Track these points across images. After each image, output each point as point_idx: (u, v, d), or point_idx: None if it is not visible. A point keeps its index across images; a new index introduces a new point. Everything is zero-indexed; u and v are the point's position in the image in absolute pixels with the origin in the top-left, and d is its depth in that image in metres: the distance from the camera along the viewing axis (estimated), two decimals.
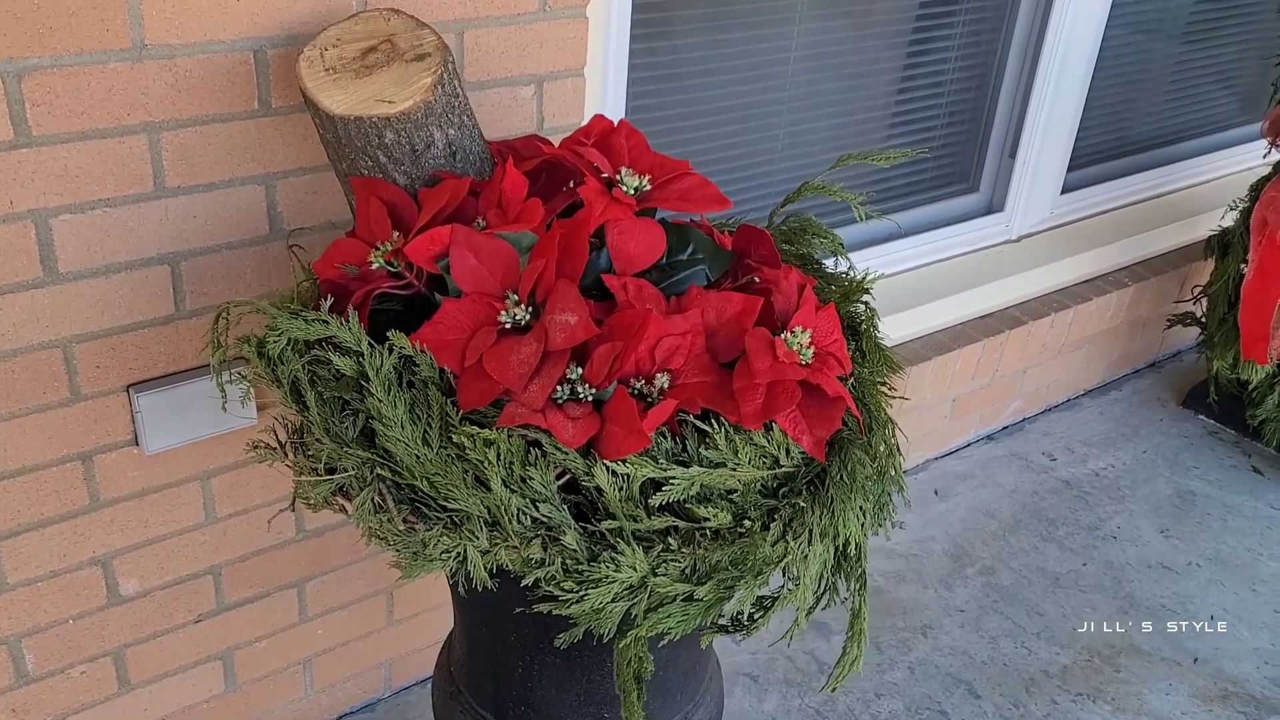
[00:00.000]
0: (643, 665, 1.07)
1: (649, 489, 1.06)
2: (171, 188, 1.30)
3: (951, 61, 2.36)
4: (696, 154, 2.04)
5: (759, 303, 1.12)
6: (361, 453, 1.06)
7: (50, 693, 1.50)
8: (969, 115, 2.45)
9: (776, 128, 2.14)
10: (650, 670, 1.07)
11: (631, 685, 1.07)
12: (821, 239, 1.39)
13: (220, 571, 1.57)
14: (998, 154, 2.51)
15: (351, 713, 1.86)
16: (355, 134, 1.17)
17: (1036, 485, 2.57)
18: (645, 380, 1.09)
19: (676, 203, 1.18)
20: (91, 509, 1.41)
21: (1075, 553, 2.37)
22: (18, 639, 1.43)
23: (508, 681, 1.30)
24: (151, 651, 1.56)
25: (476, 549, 1.03)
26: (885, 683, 2.02)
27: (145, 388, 1.37)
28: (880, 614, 2.16)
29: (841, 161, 1.40)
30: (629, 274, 1.16)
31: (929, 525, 2.41)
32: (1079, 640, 2.14)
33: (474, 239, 1.12)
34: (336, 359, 1.08)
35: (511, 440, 1.04)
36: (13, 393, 1.29)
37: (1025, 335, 2.50)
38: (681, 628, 1.05)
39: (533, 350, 1.07)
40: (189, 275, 1.35)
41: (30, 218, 1.22)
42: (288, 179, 1.37)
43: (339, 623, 1.74)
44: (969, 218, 2.52)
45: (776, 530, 1.07)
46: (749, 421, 1.06)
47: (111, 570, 1.47)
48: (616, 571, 1.02)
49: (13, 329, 1.26)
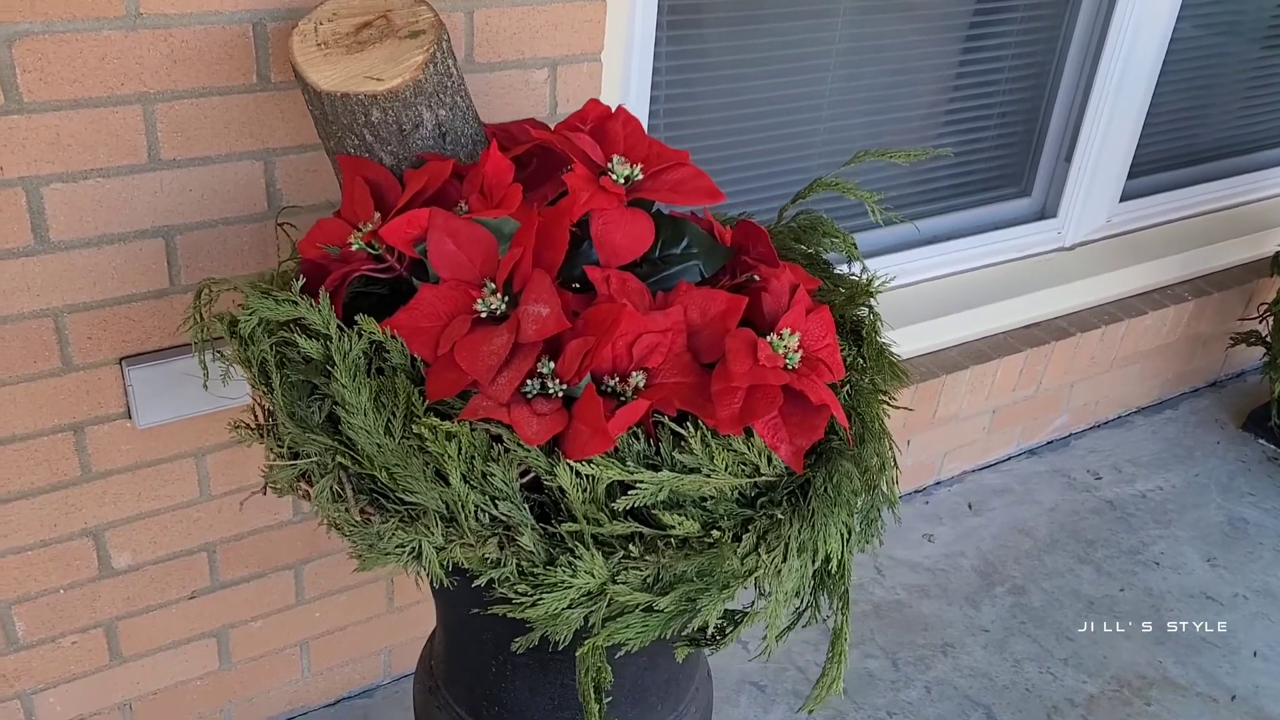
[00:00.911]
0: (601, 675, 1.03)
1: (616, 492, 1.02)
2: (166, 160, 1.28)
3: (1007, 59, 2.27)
4: (726, 150, 1.98)
5: (743, 302, 1.07)
6: (323, 439, 1.03)
7: (41, 661, 1.50)
8: (1024, 115, 2.35)
9: (815, 122, 2.07)
10: (609, 681, 1.03)
11: (590, 694, 1.03)
12: (833, 238, 1.33)
13: (215, 549, 1.56)
14: (1053, 157, 2.41)
15: (350, 697, 1.84)
16: (342, 111, 1.14)
17: (1078, 504, 2.46)
18: (620, 378, 1.04)
19: (667, 194, 1.13)
20: (83, 480, 1.41)
21: (1113, 577, 2.27)
22: (8, 606, 1.44)
23: (482, 681, 1.27)
24: (144, 625, 1.56)
25: (432, 545, 0.99)
26: (899, 701, 1.95)
27: (138, 361, 1.36)
28: (900, 629, 2.09)
29: (857, 158, 1.33)
30: (614, 266, 1.11)
31: (960, 540, 2.33)
32: (1109, 669, 2.05)
33: (453, 224, 1.08)
34: (303, 341, 1.05)
35: (475, 434, 1.01)
36: (3, 360, 1.29)
37: (1072, 347, 2.40)
38: (640, 639, 1.00)
39: (504, 342, 1.03)
40: (184, 249, 1.34)
41: (21, 185, 1.21)
42: (287, 156, 1.35)
43: (337, 606, 1.73)
44: (1019, 222, 2.43)
45: (749, 542, 1.02)
46: (725, 426, 1.01)
47: (104, 542, 1.47)
48: (573, 576, 0.97)
49: (2, 296, 1.26)
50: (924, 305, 2.24)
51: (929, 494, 2.44)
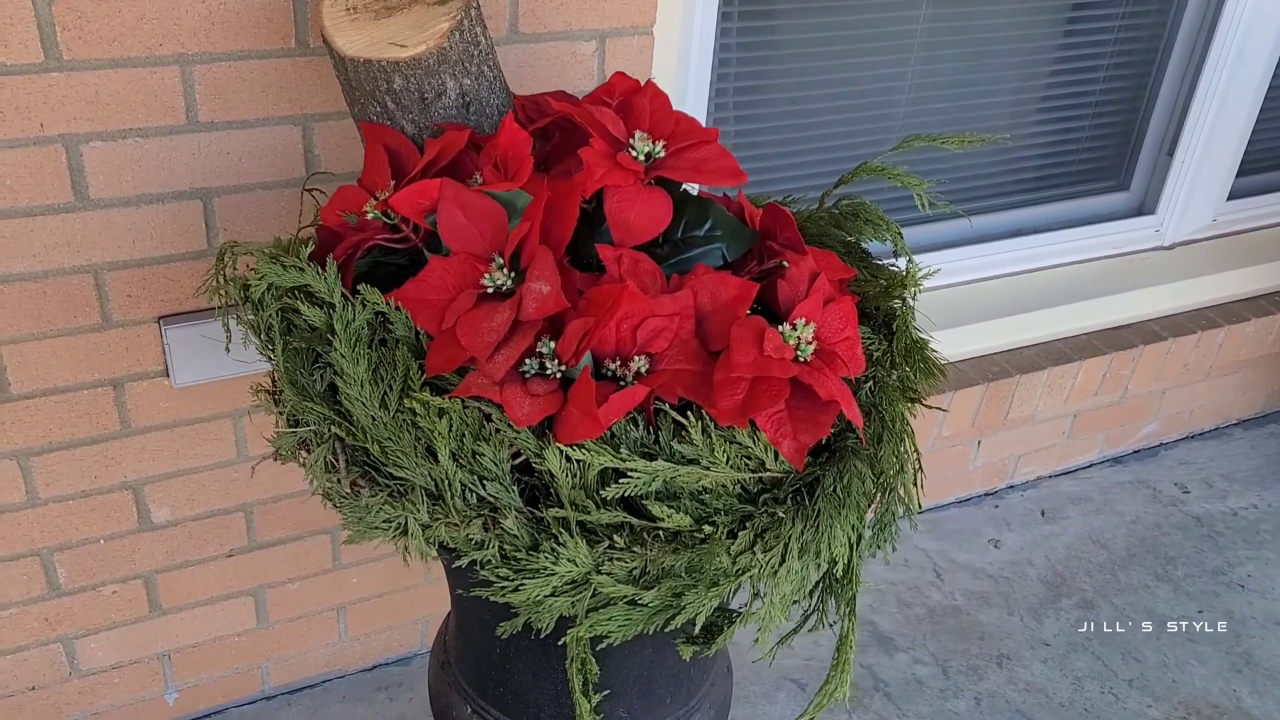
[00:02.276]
0: (587, 667, 1.00)
1: (611, 479, 0.98)
2: (204, 122, 1.29)
3: (1110, 43, 2.14)
4: (798, 134, 1.91)
5: (754, 289, 1.02)
6: (318, 407, 1.02)
7: (82, 608, 1.55)
8: (1125, 105, 2.22)
9: (895, 105, 1.99)
10: (595, 674, 1.00)
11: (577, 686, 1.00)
12: (875, 226, 1.26)
13: (252, 510, 1.58)
14: (1154, 150, 2.27)
15: (386, 664, 1.86)
16: (365, 77, 1.13)
17: (1161, 518, 2.33)
18: (621, 362, 1.01)
19: (688, 173, 1.09)
20: (122, 434, 1.44)
21: (1192, 597, 2.14)
22: (50, 552, 1.48)
23: (487, 660, 1.25)
24: (183, 579, 1.59)
25: (417, 522, 0.98)
26: (946, 710, 1.87)
27: (175, 321, 1.38)
28: (954, 636, 2.01)
29: (906, 143, 1.27)
30: (629, 245, 1.07)
31: (1029, 548, 2.23)
32: (1177, 694, 1.93)
33: (463, 195, 1.06)
34: (306, 309, 1.04)
35: (467, 412, 0.98)
36: (44, 314, 1.32)
37: (1163, 352, 2.26)
38: (623, 633, 0.97)
39: (504, 319, 1.00)
40: (222, 212, 1.35)
41: (61, 142, 1.23)
42: (325, 122, 1.35)
43: (374, 574, 1.74)
44: (1115, 218, 2.30)
45: (745, 540, 0.97)
46: (725, 418, 0.97)
47: (143, 496, 1.50)
48: (555, 564, 0.94)
49: (44, 251, 1.28)
50: (1001, 301, 2.14)
51: (1000, 498, 2.34)
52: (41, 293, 1.31)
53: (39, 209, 1.26)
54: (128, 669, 1.63)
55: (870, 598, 2.08)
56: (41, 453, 1.40)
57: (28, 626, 1.52)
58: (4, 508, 1.42)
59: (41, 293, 1.31)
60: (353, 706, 1.79)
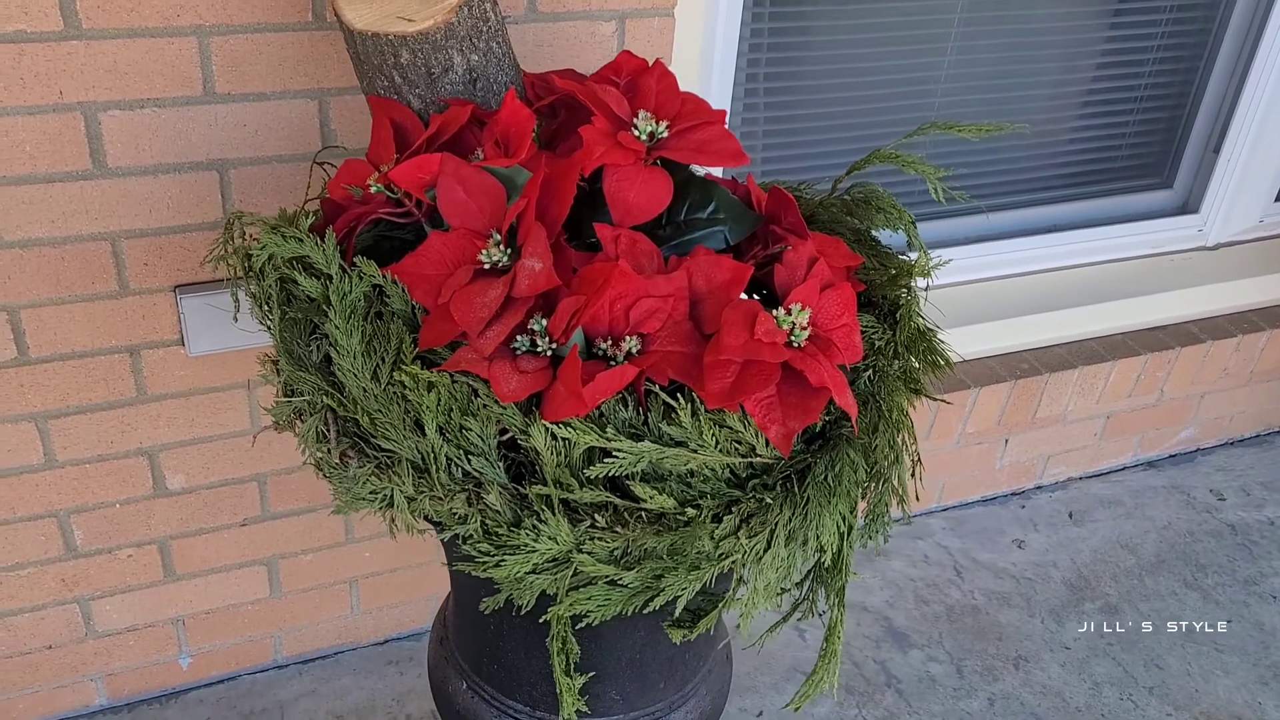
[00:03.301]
0: (567, 645, 0.99)
1: (597, 458, 0.98)
2: (221, 94, 1.30)
3: (1156, 37, 2.09)
4: (828, 123, 1.89)
5: (748, 271, 1.01)
6: (312, 378, 1.03)
7: (98, 569, 1.57)
8: (1170, 100, 2.17)
9: (930, 95, 1.96)
10: (575, 653, 0.99)
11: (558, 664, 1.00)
12: (887, 214, 1.24)
13: (266, 480, 1.60)
14: (1199, 148, 2.22)
15: (398, 639, 1.87)
16: (372, 51, 1.13)
17: (1194, 525, 2.28)
18: (613, 342, 1.00)
19: (690, 153, 1.08)
20: (138, 401, 1.46)
21: (1222, 606, 2.09)
22: (67, 514, 1.51)
23: (482, 636, 1.25)
24: (197, 546, 1.61)
25: (403, 494, 0.98)
26: (958, 709, 1.85)
27: (190, 291, 1.40)
28: (971, 636, 1.98)
29: (922, 130, 1.24)
30: (627, 225, 1.07)
31: (1054, 550, 2.19)
32: (1199, 703, 1.89)
33: (463, 171, 1.06)
34: (302, 279, 1.04)
35: (455, 386, 0.98)
36: (63, 279, 1.34)
37: (1201, 355, 2.21)
38: (602, 612, 0.96)
39: (497, 295, 1.00)
40: (238, 184, 1.36)
41: (80, 110, 1.25)
42: (342, 97, 1.35)
43: (387, 549, 1.75)
44: (1156, 216, 2.24)
45: (729, 524, 0.96)
46: (713, 400, 0.96)
47: (158, 463, 1.52)
48: (536, 541, 0.94)
49: (62, 217, 1.30)
50: (1034, 298, 2.10)
51: (1027, 498, 2.31)
52: (60, 258, 1.33)
53: (58, 175, 1.28)
54: (143, 632, 1.66)
55: (888, 594, 2.06)
56: (59, 416, 1.43)
57: (45, 586, 1.55)
58: (23, 469, 1.45)
59: (60, 258, 1.33)
60: (363, 679, 1.81)
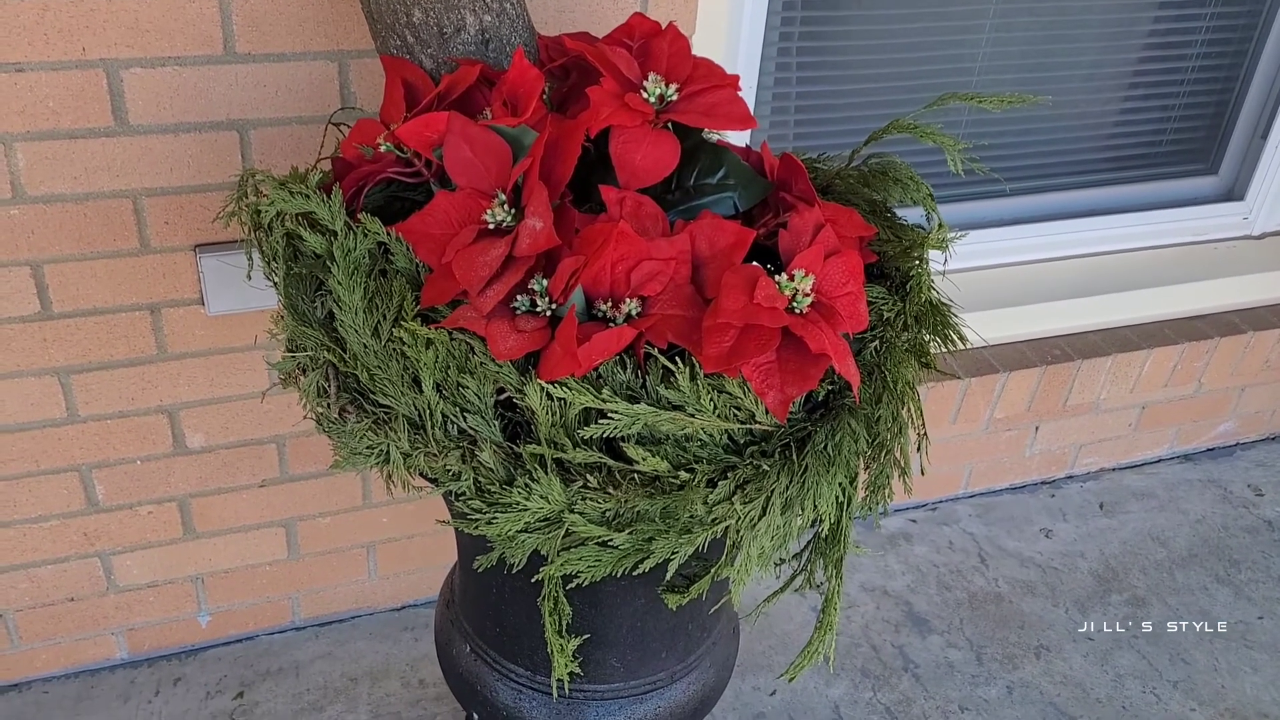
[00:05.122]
0: (560, 606, 0.99)
1: (594, 420, 0.97)
2: (241, 54, 1.31)
3: (1204, 18, 2.03)
4: (862, 98, 1.86)
5: (751, 235, 0.99)
6: (314, 333, 1.03)
7: (119, 525, 1.60)
8: (1217, 84, 2.11)
9: (967, 75, 1.92)
10: (568, 614, 0.99)
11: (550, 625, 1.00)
12: (904, 185, 1.22)
13: (285, 442, 1.62)
14: (1247, 133, 2.16)
15: (415, 605, 1.89)
16: (385, 10, 1.13)
17: (1229, 520, 2.23)
18: (613, 304, 0.99)
19: (698, 116, 1.07)
20: (159, 359, 1.48)
21: (1254, 603, 2.04)
22: (89, 469, 1.53)
23: (485, 600, 1.26)
24: (216, 505, 1.63)
25: (398, 450, 0.98)
26: (975, 697, 1.83)
27: (210, 250, 1.41)
28: (993, 623, 1.96)
29: (941, 100, 1.22)
30: (633, 188, 1.06)
31: (1082, 540, 2.15)
32: (1225, 700, 1.85)
33: (470, 130, 1.05)
34: (308, 235, 1.05)
35: (453, 344, 0.98)
36: (85, 235, 1.36)
37: (1241, 346, 2.15)
38: (593, 573, 0.96)
39: (498, 254, 1.00)
40: (258, 144, 1.37)
41: (102, 66, 1.26)
42: (361, 59, 1.36)
43: (404, 515, 1.76)
44: (1199, 202, 2.19)
45: (724, 489, 0.95)
46: (710, 364, 0.95)
47: (178, 421, 1.54)
48: (527, 499, 0.94)
49: (84, 173, 1.32)
50: (1068, 282, 2.06)
51: (1057, 487, 2.27)
52: (82, 214, 1.35)
53: (80, 132, 1.29)
54: (163, 588, 1.69)
55: (910, 578, 2.04)
56: (81, 371, 1.45)
57: (67, 539, 1.58)
58: (45, 422, 1.47)
59: (82, 214, 1.35)
60: (378, 643, 1.82)
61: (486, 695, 1.29)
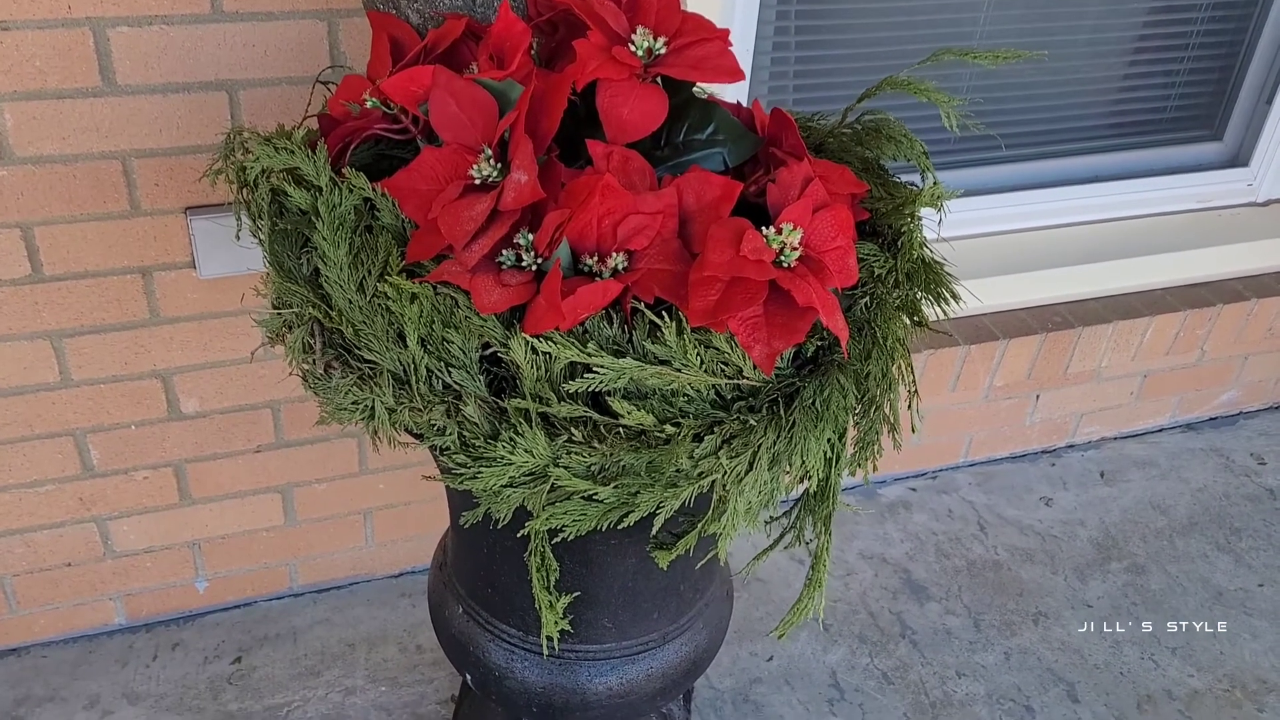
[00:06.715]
0: (546, 562, 0.99)
1: (580, 374, 0.96)
2: (229, 13, 1.30)
3: None
4: (858, 66, 1.85)
5: (738, 188, 0.98)
6: (299, 289, 1.03)
7: (115, 490, 1.60)
8: (1222, 48, 2.09)
9: (969, 39, 1.90)
10: (555, 569, 0.99)
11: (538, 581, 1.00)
12: (898, 143, 1.21)
13: (280, 408, 1.61)
14: (1252, 98, 2.13)
15: (413, 572, 1.89)
16: None
17: (1231, 488, 2.22)
18: (600, 259, 0.99)
19: (686, 69, 1.05)
20: (151, 323, 1.47)
21: (1254, 570, 2.04)
22: (83, 433, 1.53)
23: (476, 560, 1.25)
24: (211, 471, 1.63)
25: (383, 405, 0.98)
26: (972, 663, 1.82)
27: (201, 212, 1.40)
28: (991, 590, 1.95)
29: (935, 57, 1.20)
30: (620, 143, 1.05)
31: (1082, 508, 2.14)
32: (1223, 666, 1.84)
33: (455, 84, 1.04)
34: (292, 190, 1.04)
35: (438, 298, 0.98)
36: (75, 197, 1.36)
37: (1244, 314, 2.14)
38: (577, 527, 0.95)
39: (484, 208, 0.99)
40: (248, 105, 1.36)
41: (88, 25, 1.25)
42: (350, 19, 1.34)
43: (401, 481, 1.76)
44: (1204, 169, 2.17)
45: (710, 444, 0.95)
46: (695, 318, 0.94)
47: (172, 385, 1.54)
48: (512, 453, 0.93)
49: (73, 135, 1.31)
50: (1071, 250, 2.04)
51: (1058, 456, 2.26)
52: (71, 176, 1.34)
53: (68, 92, 1.29)
54: (160, 554, 1.69)
55: (908, 546, 2.04)
56: (74, 335, 1.45)
57: (63, 504, 1.58)
58: (39, 386, 1.47)
59: (71, 176, 1.34)
60: (376, 609, 1.82)
61: (479, 656, 1.29)
